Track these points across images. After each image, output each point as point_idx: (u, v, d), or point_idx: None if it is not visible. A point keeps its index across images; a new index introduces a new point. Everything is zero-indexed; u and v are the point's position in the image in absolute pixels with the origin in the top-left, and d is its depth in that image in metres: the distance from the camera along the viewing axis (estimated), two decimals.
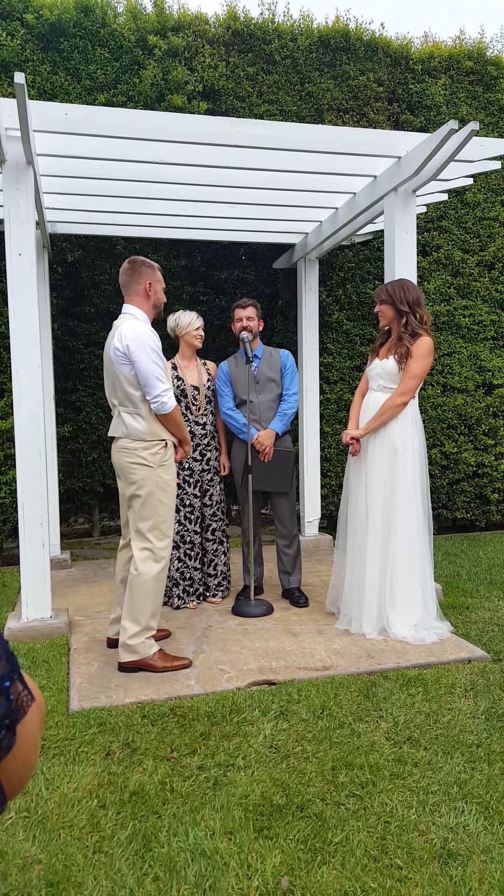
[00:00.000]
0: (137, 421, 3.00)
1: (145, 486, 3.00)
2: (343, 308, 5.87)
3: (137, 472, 3.00)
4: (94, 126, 3.32)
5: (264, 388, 4.00)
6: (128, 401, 3.00)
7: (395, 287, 3.48)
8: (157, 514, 3.02)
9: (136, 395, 2.98)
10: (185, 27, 5.28)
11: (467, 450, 6.09)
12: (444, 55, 5.89)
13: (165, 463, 3.05)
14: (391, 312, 3.49)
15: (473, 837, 1.90)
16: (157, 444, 3.03)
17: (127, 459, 3.02)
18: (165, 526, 3.05)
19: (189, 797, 2.10)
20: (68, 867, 1.79)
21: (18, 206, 3.43)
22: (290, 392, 4.02)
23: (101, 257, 5.48)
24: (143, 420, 3.00)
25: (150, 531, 3.02)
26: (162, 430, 3.04)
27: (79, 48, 4.98)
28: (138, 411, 3.00)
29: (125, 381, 2.97)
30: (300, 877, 1.75)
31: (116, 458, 3.08)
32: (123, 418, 3.03)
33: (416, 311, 3.45)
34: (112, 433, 3.12)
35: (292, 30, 5.50)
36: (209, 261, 5.84)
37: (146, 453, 3.00)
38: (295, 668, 3.05)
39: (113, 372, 3.01)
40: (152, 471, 3.00)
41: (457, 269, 6.04)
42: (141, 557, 3.02)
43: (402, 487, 3.43)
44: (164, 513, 3.04)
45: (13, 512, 5.01)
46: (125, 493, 3.09)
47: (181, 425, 3.07)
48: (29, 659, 3.22)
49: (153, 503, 3.01)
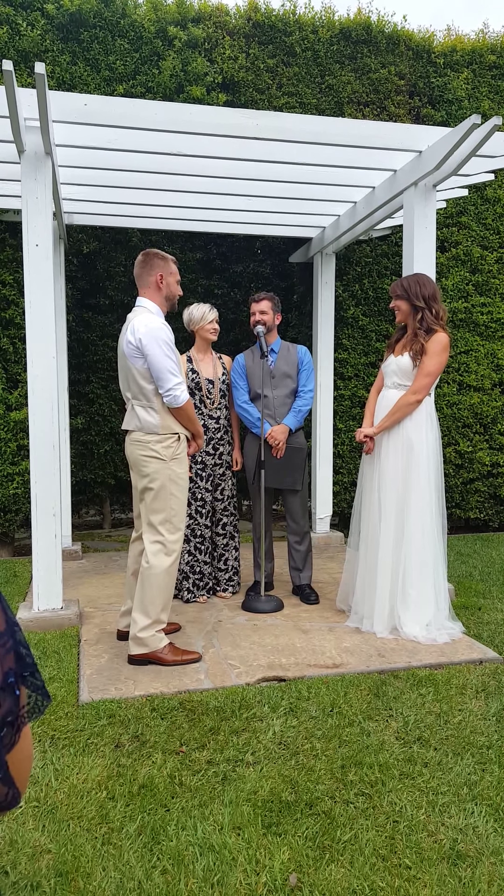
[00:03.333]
0: (150, 414, 3.00)
1: (157, 479, 3.00)
2: (359, 303, 5.83)
3: (150, 465, 3.00)
4: (112, 117, 3.30)
5: (279, 384, 3.98)
6: (141, 394, 3.00)
7: (410, 282, 3.44)
8: (170, 507, 3.02)
9: (149, 389, 2.97)
10: (206, 18, 5.24)
11: (482, 449, 6.04)
12: (467, 49, 5.81)
13: (178, 456, 3.04)
14: (407, 307, 3.46)
15: (483, 839, 1.89)
16: (170, 437, 3.02)
17: (140, 452, 3.02)
18: (177, 519, 3.05)
19: (198, 791, 2.10)
20: (77, 858, 1.79)
21: (36, 197, 3.42)
22: (305, 389, 3.99)
23: (117, 249, 5.47)
24: (156, 413, 2.99)
25: (162, 524, 3.02)
26: (175, 424, 3.03)
27: (98, 39, 4.96)
28: (151, 405, 2.99)
29: (138, 375, 2.96)
30: (308, 874, 1.75)
31: (130, 450, 3.08)
32: (137, 412, 3.03)
33: (431, 307, 3.41)
34: (126, 426, 3.12)
35: (313, 22, 5.45)
36: (224, 254, 5.82)
37: (159, 446, 3.00)
38: (305, 665, 3.04)
39: (126, 365, 3.01)
40: (165, 464, 3.00)
41: (476, 266, 5.97)
42: (153, 550, 3.02)
43: (416, 486, 3.41)
44: (175, 506, 3.04)
45: (26, 503, 5.03)
46: (137, 486, 3.09)
47: (194, 419, 3.06)
48: (39, 650, 3.23)
49: (165, 496, 3.01)
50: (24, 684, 0.65)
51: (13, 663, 0.63)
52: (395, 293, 3.48)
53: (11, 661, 0.63)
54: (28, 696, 0.66)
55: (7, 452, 4.99)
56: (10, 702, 0.62)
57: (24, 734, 0.65)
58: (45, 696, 0.67)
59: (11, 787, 0.63)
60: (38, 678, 0.67)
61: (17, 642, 0.65)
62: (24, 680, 0.65)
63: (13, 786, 0.63)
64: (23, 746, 0.65)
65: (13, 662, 0.63)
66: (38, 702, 0.67)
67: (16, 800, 0.64)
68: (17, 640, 0.65)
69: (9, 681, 0.62)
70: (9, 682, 0.62)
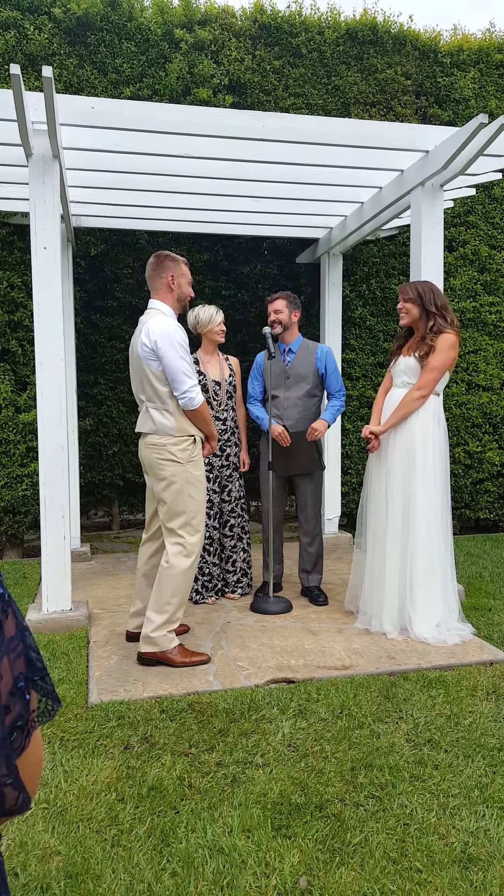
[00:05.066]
0: (165, 417, 2.99)
1: (175, 482, 2.99)
2: (367, 304, 5.81)
3: (167, 469, 2.99)
4: (119, 119, 3.31)
5: (294, 385, 3.96)
6: (156, 397, 2.99)
7: (424, 289, 3.43)
8: (189, 509, 3.01)
9: (164, 391, 2.96)
10: (212, 20, 5.25)
11: (492, 449, 6.01)
12: (474, 48, 5.79)
13: (194, 458, 3.04)
14: (417, 312, 3.44)
15: (494, 842, 1.88)
16: (186, 439, 3.02)
17: (156, 456, 3.01)
18: (196, 521, 3.05)
19: (207, 794, 2.10)
20: (87, 859, 1.79)
21: (44, 200, 3.44)
22: (337, 390, 3.98)
23: (125, 251, 5.49)
24: (171, 416, 2.98)
25: (182, 527, 3.02)
26: (190, 426, 3.02)
27: (105, 42, 4.98)
28: (166, 407, 2.99)
29: (153, 377, 2.96)
30: (318, 877, 1.74)
31: (145, 454, 3.07)
32: (151, 414, 3.02)
33: (445, 315, 3.42)
34: (140, 429, 3.10)
35: (319, 23, 5.45)
36: (231, 255, 5.82)
37: (175, 449, 2.99)
38: (314, 667, 3.03)
39: (140, 368, 2.99)
40: (182, 467, 2.99)
41: (483, 265, 5.95)
42: (173, 552, 3.02)
43: (422, 485, 3.39)
44: (194, 508, 3.03)
45: (35, 504, 5.05)
46: (155, 490, 3.08)
47: (209, 421, 3.06)
48: (49, 651, 3.24)
49: (184, 499, 3.00)
50: (34, 688, 0.65)
51: (24, 668, 0.63)
52: (407, 296, 3.45)
53: (22, 666, 0.63)
54: (38, 700, 0.66)
55: (16, 454, 5.01)
56: (20, 706, 0.62)
57: (34, 738, 0.65)
58: (56, 700, 0.67)
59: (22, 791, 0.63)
60: (48, 682, 0.67)
61: (28, 646, 0.65)
62: (34, 684, 0.65)
63: (23, 790, 0.63)
64: (33, 750, 0.65)
65: (24, 667, 0.63)
66: (49, 706, 0.67)
67: (26, 804, 0.64)
68: (27, 644, 0.65)
69: (19, 685, 0.62)
70: (19, 687, 0.62)
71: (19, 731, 0.62)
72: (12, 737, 0.61)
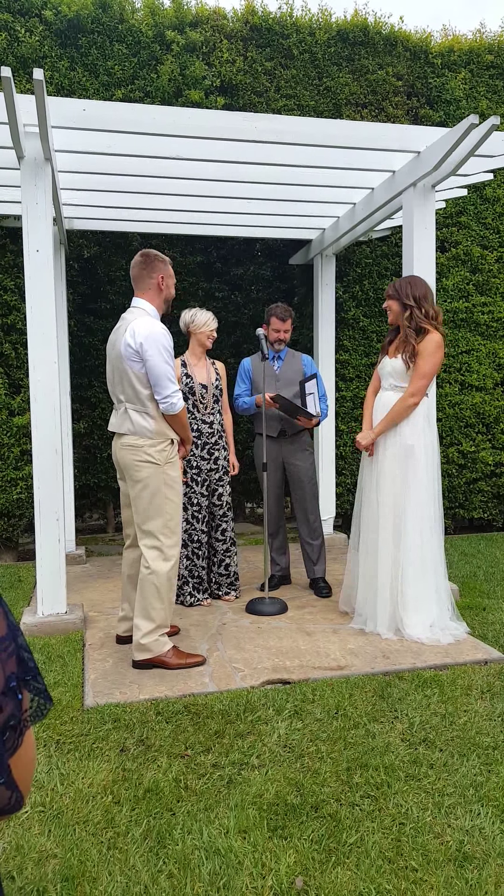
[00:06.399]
0: (145, 419, 2.97)
1: (151, 483, 2.97)
2: (360, 304, 5.83)
3: (143, 470, 2.97)
4: (111, 122, 3.31)
5: (284, 388, 4.09)
6: (136, 398, 2.97)
7: (402, 283, 3.46)
8: (165, 511, 3.00)
9: (145, 394, 2.95)
10: (203, 22, 5.26)
11: (485, 449, 6.03)
12: (464, 49, 5.82)
13: (172, 460, 3.04)
14: (398, 307, 3.46)
15: (490, 840, 1.88)
16: (164, 441, 3.01)
17: (133, 457, 2.99)
18: (173, 523, 3.04)
19: (203, 795, 2.10)
20: (83, 862, 1.79)
21: (36, 203, 3.43)
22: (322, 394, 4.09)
23: (118, 253, 5.48)
24: (150, 419, 2.97)
25: (159, 530, 3.00)
26: (168, 430, 3.02)
27: (97, 44, 4.97)
28: (146, 410, 2.97)
29: (134, 379, 2.94)
30: (314, 877, 1.74)
31: (121, 455, 3.04)
32: (130, 415, 2.99)
33: (421, 306, 3.40)
34: (115, 429, 3.07)
35: (310, 24, 5.46)
36: (225, 257, 5.82)
37: (153, 451, 2.98)
38: (309, 668, 3.04)
39: (121, 368, 2.97)
40: (159, 468, 2.98)
41: (476, 266, 5.97)
42: (151, 556, 3.00)
43: (413, 487, 3.40)
44: (171, 510, 3.02)
45: (29, 507, 5.04)
46: (131, 492, 3.05)
47: (186, 426, 3.08)
48: (44, 654, 3.23)
49: (160, 501, 2.99)
50: (26, 688, 0.65)
51: (15, 667, 0.64)
52: (388, 293, 3.50)
53: (14, 666, 0.64)
54: (30, 699, 0.66)
55: (10, 457, 5.00)
56: (12, 706, 0.63)
57: (26, 738, 0.66)
58: (48, 699, 0.68)
59: (15, 790, 0.63)
60: (39, 682, 0.67)
61: (19, 646, 0.65)
62: (26, 684, 0.65)
63: (16, 789, 0.64)
64: (26, 750, 0.66)
65: (15, 666, 0.64)
66: (41, 705, 0.67)
67: (19, 803, 0.64)
68: (18, 644, 0.65)
69: (11, 685, 0.63)
70: (11, 687, 0.63)
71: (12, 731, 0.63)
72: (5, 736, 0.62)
